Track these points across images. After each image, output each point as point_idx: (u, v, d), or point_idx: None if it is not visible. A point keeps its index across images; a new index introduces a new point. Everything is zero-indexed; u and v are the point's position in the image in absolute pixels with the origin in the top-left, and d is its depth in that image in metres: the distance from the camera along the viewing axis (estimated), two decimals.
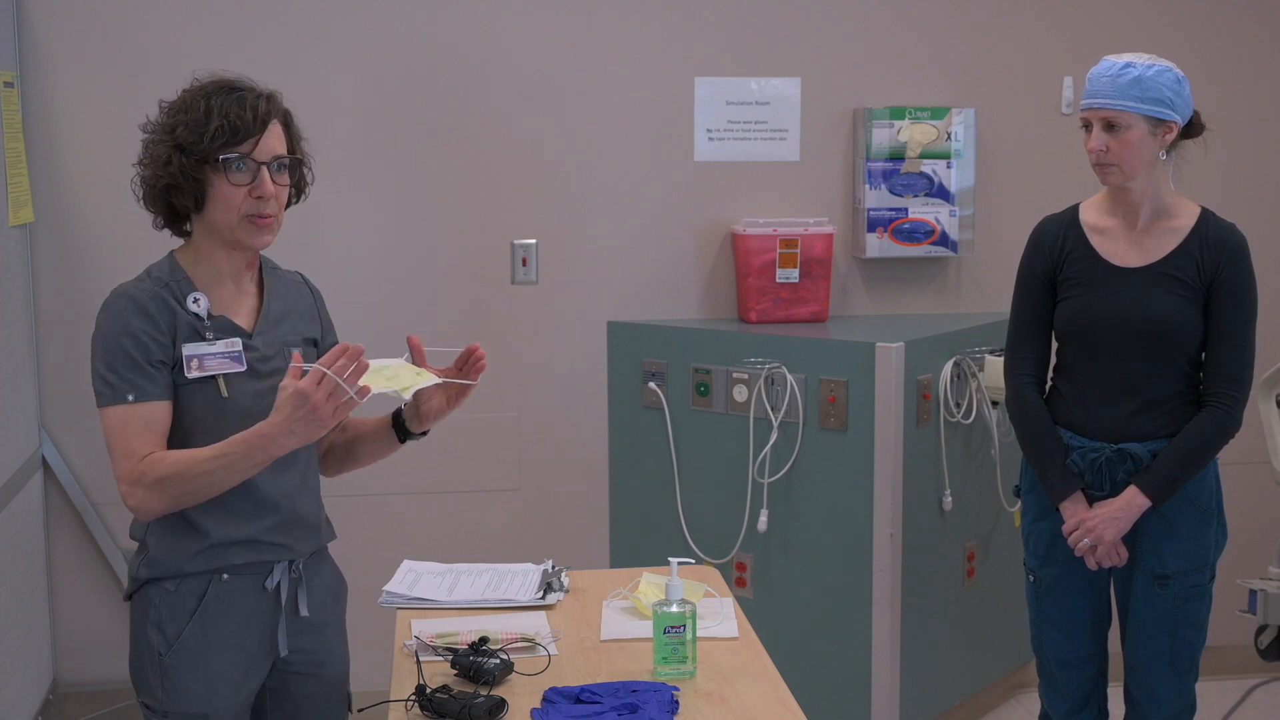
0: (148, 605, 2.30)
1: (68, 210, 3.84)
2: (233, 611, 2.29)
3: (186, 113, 2.24)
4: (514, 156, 4.03)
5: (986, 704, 4.24)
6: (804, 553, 3.81)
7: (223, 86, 2.27)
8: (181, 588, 2.28)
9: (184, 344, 2.24)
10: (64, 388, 3.87)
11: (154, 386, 2.22)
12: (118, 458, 2.21)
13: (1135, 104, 2.80)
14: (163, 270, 2.30)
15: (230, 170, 2.22)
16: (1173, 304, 2.86)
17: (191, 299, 2.27)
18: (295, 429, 2.10)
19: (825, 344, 3.79)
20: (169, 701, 2.27)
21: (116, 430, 2.21)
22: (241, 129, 2.21)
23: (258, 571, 2.31)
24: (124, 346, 2.22)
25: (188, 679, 2.27)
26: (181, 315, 2.25)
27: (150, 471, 2.17)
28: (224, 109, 2.22)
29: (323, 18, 3.91)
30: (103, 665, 3.96)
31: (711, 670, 2.35)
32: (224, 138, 2.20)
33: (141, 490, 2.18)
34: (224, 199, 2.23)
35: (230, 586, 2.29)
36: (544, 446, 4.13)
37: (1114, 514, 2.89)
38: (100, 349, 2.25)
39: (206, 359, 2.25)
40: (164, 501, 2.19)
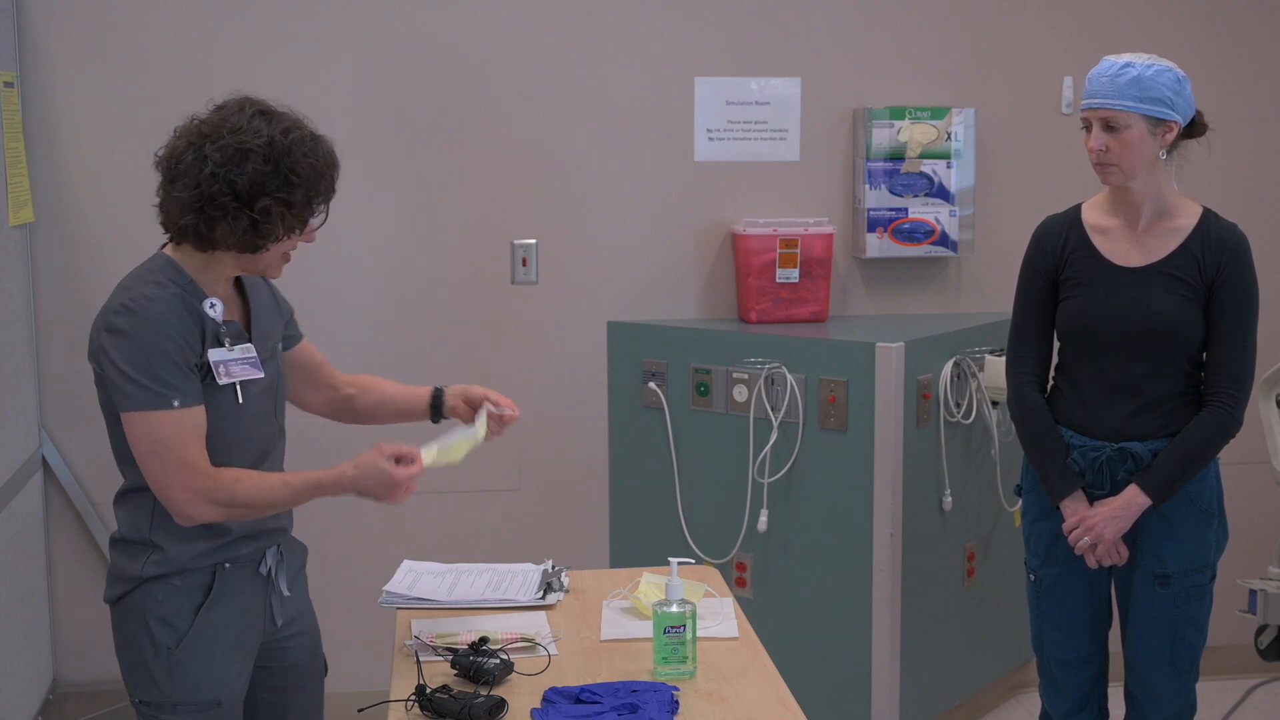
0: (148, 602, 2.29)
1: (68, 210, 3.84)
2: (235, 598, 2.34)
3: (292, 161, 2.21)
4: (514, 156, 4.03)
5: (986, 704, 4.24)
6: (804, 553, 3.81)
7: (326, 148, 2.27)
8: (188, 580, 2.30)
9: (209, 350, 2.25)
10: (64, 388, 3.87)
11: (195, 391, 2.23)
12: (173, 465, 2.20)
13: (1134, 104, 2.80)
14: (170, 273, 2.27)
15: (304, 223, 2.28)
16: (1174, 304, 2.86)
17: (208, 304, 2.27)
18: (366, 491, 2.30)
19: (825, 344, 3.79)
20: (179, 694, 2.27)
21: (168, 436, 2.20)
22: (327, 197, 2.28)
23: (254, 559, 2.37)
24: (167, 352, 2.20)
25: (200, 669, 2.28)
26: (206, 320, 2.26)
27: (224, 491, 2.22)
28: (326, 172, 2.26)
29: (322, 18, 3.91)
30: (103, 665, 3.95)
31: (711, 670, 2.35)
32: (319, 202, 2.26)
33: (208, 504, 2.22)
34: (280, 246, 2.27)
35: (232, 575, 2.33)
36: (544, 446, 4.13)
37: (1114, 512, 2.89)
38: (132, 353, 2.20)
39: (231, 365, 2.28)
40: (219, 515, 2.25)
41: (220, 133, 2.22)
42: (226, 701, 2.31)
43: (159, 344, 2.19)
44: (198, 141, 2.24)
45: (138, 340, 2.19)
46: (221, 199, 2.19)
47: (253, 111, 2.26)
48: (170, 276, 2.26)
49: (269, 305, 2.46)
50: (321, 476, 2.29)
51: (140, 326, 2.20)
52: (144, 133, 3.82)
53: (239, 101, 2.30)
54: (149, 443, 2.21)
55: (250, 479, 2.26)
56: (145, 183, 3.89)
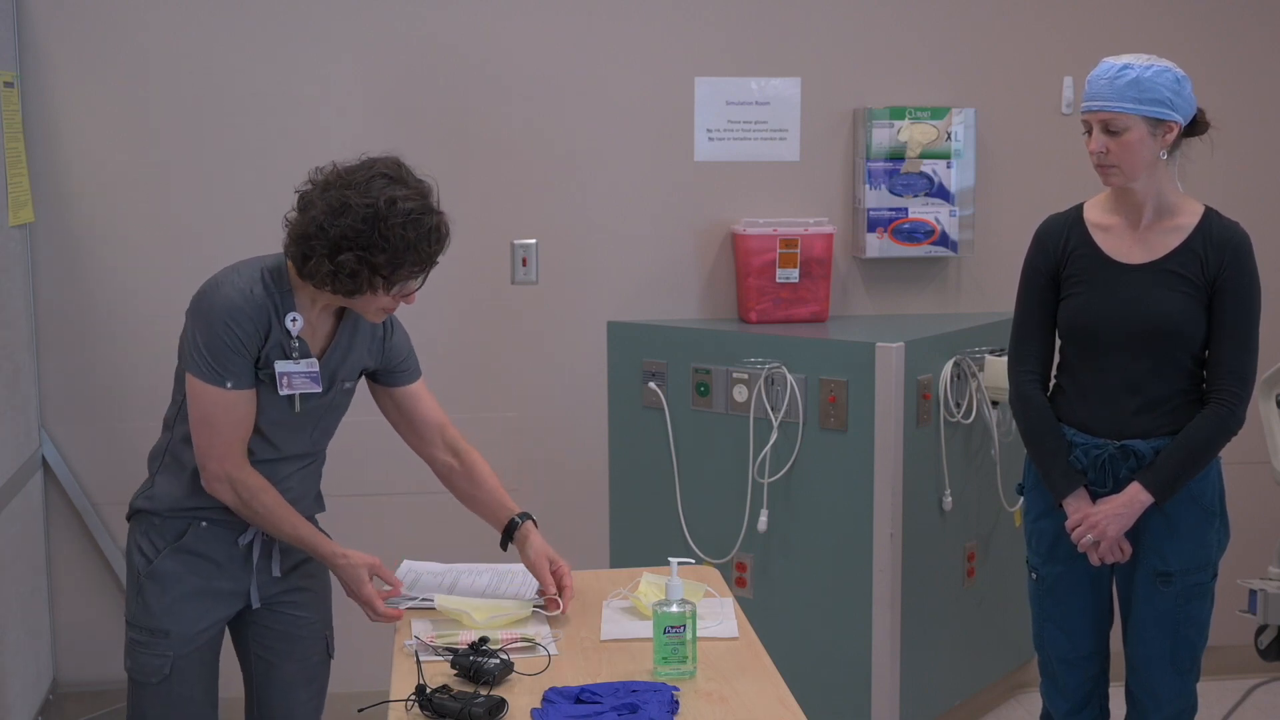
0: (136, 530, 2.61)
1: (68, 210, 3.84)
2: (205, 555, 2.57)
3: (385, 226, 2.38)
4: (514, 156, 4.03)
5: (986, 704, 4.24)
6: (804, 553, 3.81)
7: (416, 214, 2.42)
8: (165, 523, 2.57)
9: (275, 360, 2.48)
10: (64, 388, 3.87)
11: (248, 378, 2.47)
12: (216, 439, 2.46)
13: (1133, 105, 2.80)
14: (272, 279, 2.48)
15: (403, 282, 2.45)
16: (1175, 301, 2.86)
17: (290, 318, 2.49)
18: (342, 580, 2.57)
19: (825, 344, 3.79)
20: (138, 616, 2.58)
21: (218, 412, 2.46)
22: (424, 265, 2.46)
23: (232, 528, 2.58)
24: (225, 340, 2.42)
25: (155, 599, 2.55)
26: (276, 329, 2.47)
27: (247, 489, 2.48)
28: (422, 247, 2.43)
29: (323, 18, 3.90)
30: (103, 665, 3.96)
31: (711, 670, 2.35)
32: (406, 266, 2.42)
33: (229, 487, 2.48)
34: (373, 298, 2.46)
35: (206, 533, 2.57)
36: (544, 446, 4.13)
37: (1116, 510, 2.89)
38: (203, 328, 2.44)
39: (294, 377, 2.50)
40: (232, 501, 2.50)
41: (340, 182, 2.42)
42: (176, 635, 2.56)
43: (219, 332, 2.42)
44: (323, 184, 2.44)
45: (208, 321, 2.43)
46: (315, 240, 2.39)
47: (380, 172, 2.45)
48: (272, 279, 2.48)
49: (363, 338, 2.63)
50: (320, 544, 2.55)
51: (210, 310, 2.44)
52: (144, 133, 3.85)
53: (378, 160, 2.48)
54: (202, 411, 2.47)
55: (274, 497, 2.51)
56: (145, 182, 3.93)
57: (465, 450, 2.76)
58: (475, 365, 4.08)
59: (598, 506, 4.18)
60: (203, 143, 3.87)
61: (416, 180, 2.49)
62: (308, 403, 2.54)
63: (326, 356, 2.55)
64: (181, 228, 3.87)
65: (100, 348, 3.87)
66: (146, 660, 2.57)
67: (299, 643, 2.70)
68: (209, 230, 3.87)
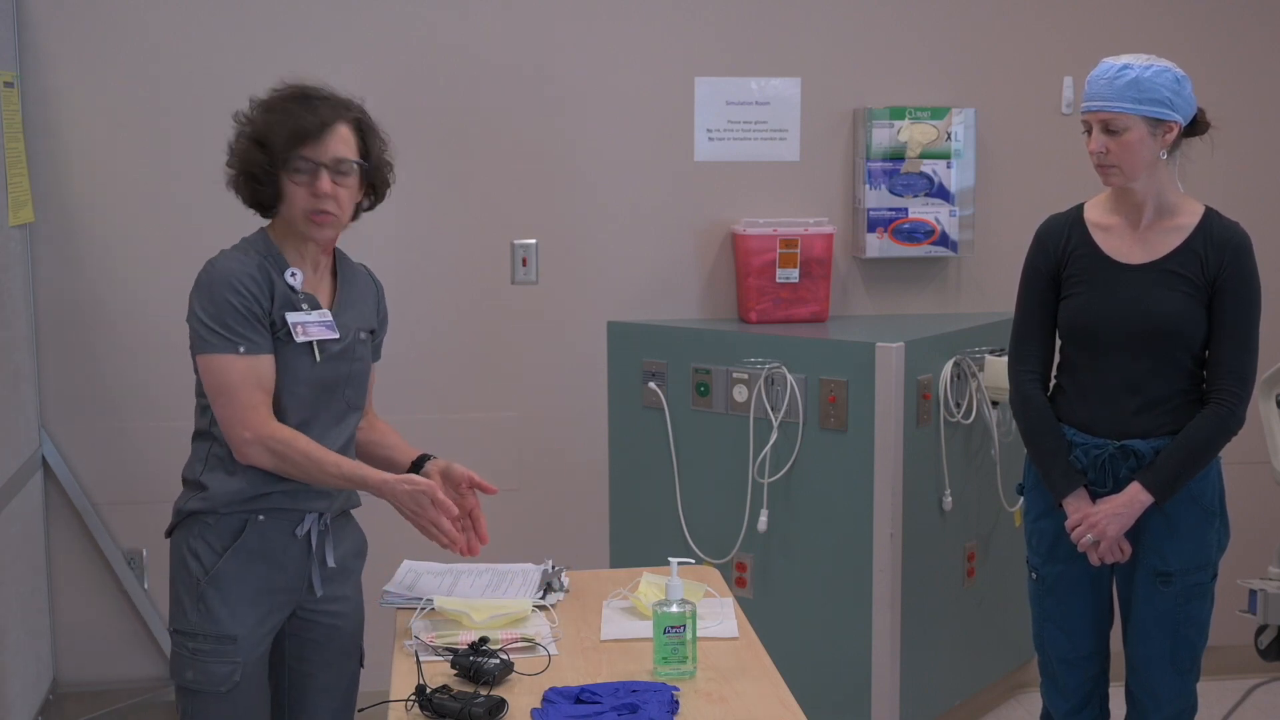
0: (188, 535, 2.51)
1: (68, 210, 3.84)
2: (264, 550, 2.50)
3: (266, 112, 2.48)
4: (514, 156, 4.03)
5: (986, 704, 4.24)
6: (804, 553, 3.81)
7: (298, 94, 2.50)
8: (221, 522, 2.49)
9: (285, 312, 2.46)
10: (64, 388, 3.87)
11: (264, 342, 2.45)
12: (237, 406, 2.42)
13: (1133, 105, 2.80)
14: (260, 244, 2.51)
15: (294, 170, 2.45)
16: (1176, 301, 2.86)
17: (289, 273, 2.49)
18: (401, 507, 2.47)
19: (825, 344, 3.79)
20: (201, 624, 2.47)
21: (236, 379, 2.42)
22: (302, 133, 2.44)
23: (290, 518, 2.52)
24: (233, 304, 2.42)
25: (220, 604, 2.47)
26: (279, 286, 2.47)
27: (281, 442, 2.42)
28: (292, 113, 2.46)
29: (323, 18, 3.90)
30: (103, 665, 3.96)
31: (711, 670, 2.35)
32: (287, 139, 2.43)
33: (263, 449, 2.42)
34: (290, 196, 2.47)
35: (264, 527, 2.50)
36: (544, 446, 4.13)
37: (1117, 510, 2.89)
38: (207, 304, 2.43)
39: (309, 326, 2.49)
40: (270, 463, 2.44)
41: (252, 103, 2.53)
42: (243, 641, 2.47)
43: (225, 296, 2.42)
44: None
45: (210, 292, 2.43)
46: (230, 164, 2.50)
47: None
48: (258, 246, 2.51)
49: (364, 299, 2.66)
50: (369, 474, 2.47)
51: (212, 280, 2.44)
52: (144, 132, 3.85)
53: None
54: (217, 383, 2.44)
55: (308, 443, 2.44)
56: (145, 182, 3.93)
57: (373, 418, 2.79)
58: (475, 365, 4.08)
59: (598, 506, 4.18)
60: (203, 142, 3.86)
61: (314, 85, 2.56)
62: (328, 352, 2.50)
63: (336, 310, 2.56)
64: (182, 228, 3.87)
65: (100, 347, 3.87)
66: (215, 669, 2.46)
67: (335, 652, 2.63)
68: (209, 230, 3.85)
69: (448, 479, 2.63)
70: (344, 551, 2.63)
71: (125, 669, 3.97)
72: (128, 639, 3.97)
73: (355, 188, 2.53)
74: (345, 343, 2.55)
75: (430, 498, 2.44)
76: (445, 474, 2.63)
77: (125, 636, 3.97)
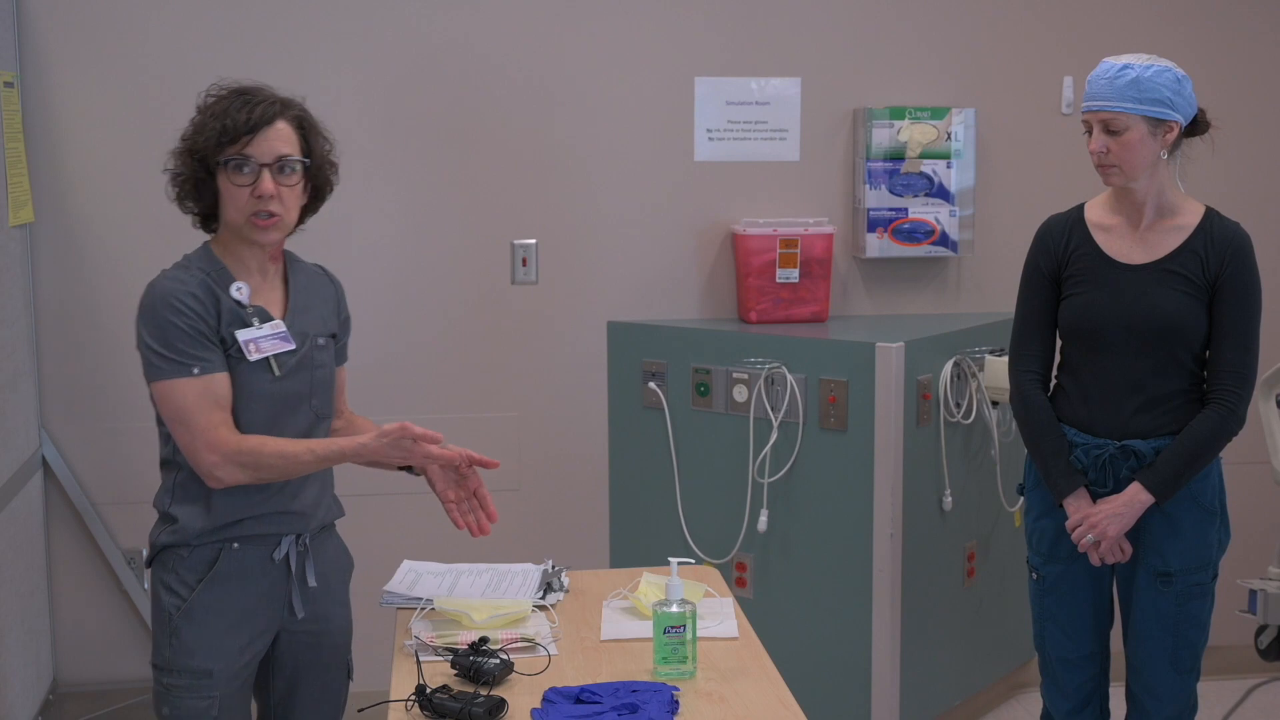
0: (163, 569, 2.44)
1: (68, 210, 3.84)
2: (241, 579, 2.42)
3: (197, 117, 2.39)
4: (514, 156, 4.03)
5: (986, 704, 4.24)
6: (804, 553, 3.81)
7: (233, 92, 2.39)
8: (194, 554, 2.41)
9: (235, 330, 2.37)
10: (64, 388, 3.87)
11: (216, 360, 2.35)
12: (198, 429, 2.33)
13: (1133, 105, 2.80)
14: (202, 260, 2.42)
15: (230, 170, 2.34)
16: (1176, 301, 2.86)
17: (235, 288, 2.39)
18: (388, 457, 2.39)
19: (825, 344, 3.79)
20: (175, 659, 2.41)
21: (191, 403, 2.33)
22: (234, 129, 2.32)
23: (266, 543, 2.44)
24: (179, 325, 2.32)
25: (194, 638, 2.40)
26: (225, 302, 2.38)
27: (249, 454, 2.33)
28: (223, 112, 2.34)
29: (323, 18, 3.90)
30: (103, 665, 3.96)
31: (711, 670, 2.35)
32: (217, 138, 2.33)
33: (234, 466, 2.33)
34: (229, 198, 2.36)
35: (239, 555, 2.42)
36: (544, 446, 4.14)
37: (1117, 510, 2.89)
38: (152, 327, 2.34)
39: (261, 341, 2.39)
40: (246, 477, 2.35)
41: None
42: (219, 674, 2.40)
43: (168, 317, 2.32)
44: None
45: (154, 315, 2.34)
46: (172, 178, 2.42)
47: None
48: (200, 263, 2.41)
49: (322, 300, 2.56)
50: (343, 446, 2.39)
51: (154, 302, 2.35)
52: (144, 133, 3.85)
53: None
54: (174, 410, 2.34)
55: (275, 443, 2.36)
56: (145, 183, 3.91)
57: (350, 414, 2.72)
58: (475, 365, 4.08)
59: (598, 506, 4.18)
60: None
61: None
62: (285, 365, 2.40)
63: (289, 317, 2.45)
64: (181, 228, 3.82)
65: (100, 348, 3.87)
66: (192, 704, 2.39)
67: (322, 669, 2.57)
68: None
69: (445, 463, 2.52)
70: (326, 568, 2.55)
71: (125, 669, 3.97)
72: (128, 639, 3.97)
73: (300, 188, 2.41)
74: (302, 351, 2.44)
75: (410, 436, 2.34)
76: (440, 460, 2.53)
77: (125, 636, 3.97)
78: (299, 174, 2.39)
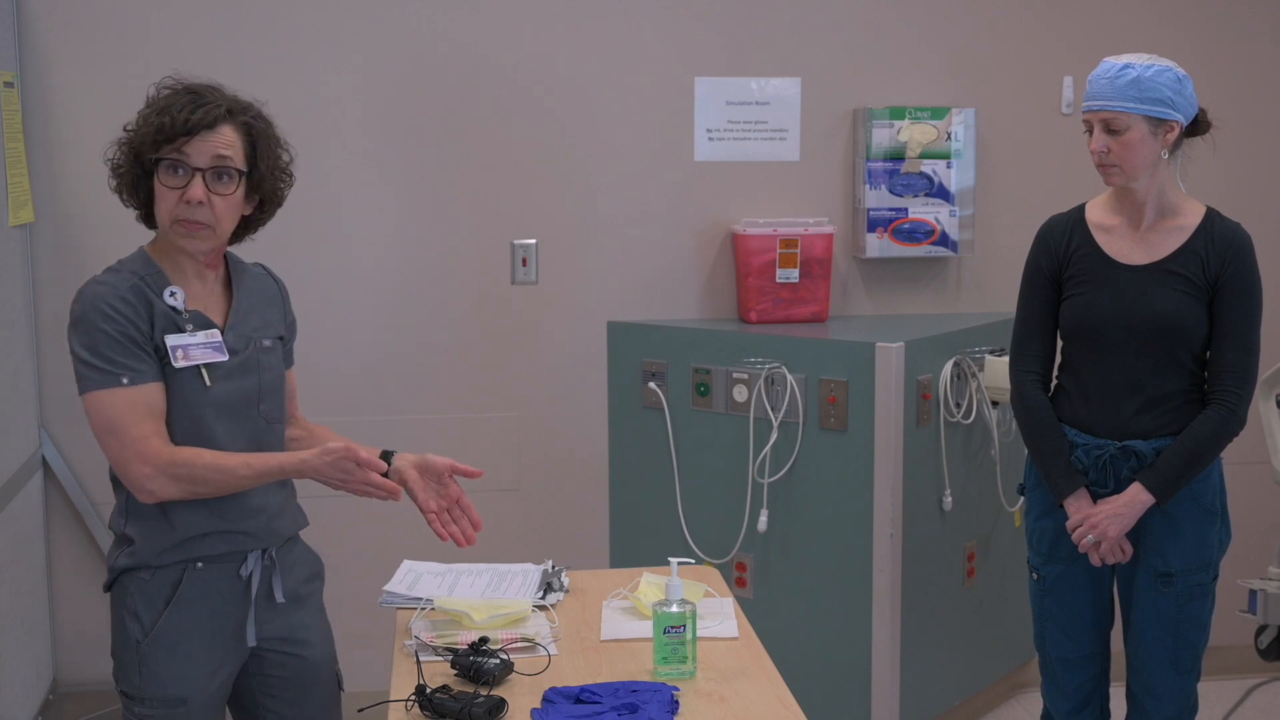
0: (125, 594, 2.33)
1: (68, 210, 3.84)
2: (208, 599, 2.34)
3: (144, 110, 2.29)
4: (514, 156, 4.03)
5: (986, 704, 4.24)
6: (804, 553, 3.81)
7: (180, 90, 2.29)
8: (157, 576, 2.31)
9: (165, 335, 2.26)
10: (64, 388, 3.85)
11: (148, 369, 2.25)
12: (128, 440, 2.22)
13: (1134, 105, 2.80)
14: (136, 264, 2.32)
15: (162, 171, 2.25)
16: (1177, 301, 2.86)
17: (168, 292, 2.29)
18: (328, 477, 2.27)
19: (825, 344, 3.79)
20: (146, 688, 2.31)
21: (121, 413, 2.22)
22: (171, 129, 2.23)
23: (231, 561, 2.35)
24: (108, 332, 2.22)
25: (164, 666, 2.31)
26: (159, 306, 2.28)
27: (183, 465, 2.23)
28: (165, 109, 2.25)
29: (323, 19, 3.90)
30: (103, 665, 3.92)
31: (711, 670, 2.35)
32: (154, 135, 2.24)
33: (167, 479, 2.23)
34: (159, 199, 2.27)
35: (204, 574, 2.33)
36: (544, 446, 4.13)
37: (1118, 510, 2.89)
38: (82, 336, 2.24)
39: (191, 349, 2.28)
40: (180, 491, 2.24)
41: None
42: (193, 701, 2.32)
43: (99, 324, 2.22)
44: None
45: (84, 323, 2.24)
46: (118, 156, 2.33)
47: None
48: (134, 267, 2.31)
49: (266, 303, 2.46)
50: (283, 461, 2.28)
51: (84, 310, 2.24)
52: None
53: None
54: (104, 421, 2.23)
55: (211, 456, 2.25)
56: None
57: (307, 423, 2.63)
58: (475, 365, 4.08)
59: (598, 506, 4.18)
60: None
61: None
62: (217, 372, 2.29)
63: (231, 322, 2.35)
64: None
65: None
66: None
67: (310, 685, 2.48)
68: None
69: (427, 471, 2.48)
70: (295, 580, 2.46)
71: None
72: None
73: (237, 198, 2.28)
74: (245, 355, 2.35)
75: (353, 460, 2.23)
76: (423, 467, 2.48)
77: None
78: (236, 182, 2.27)
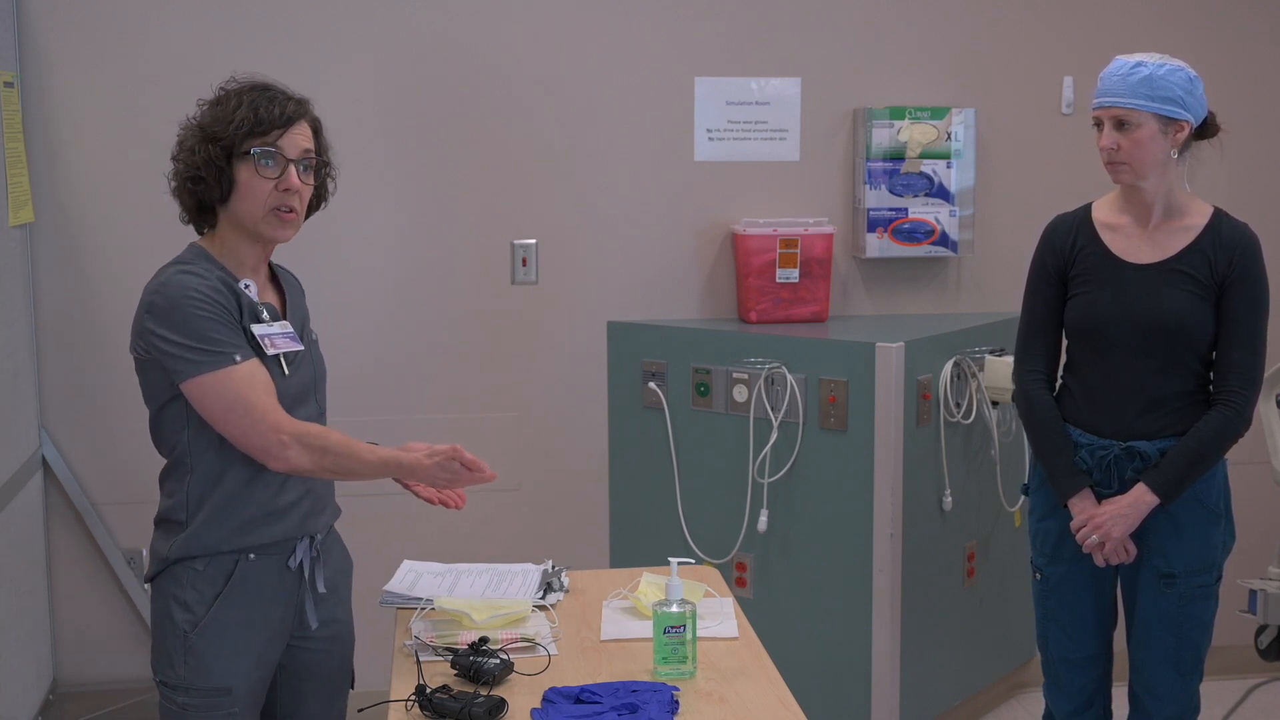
0: (173, 584, 2.34)
1: (68, 210, 3.84)
2: (258, 590, 2.35)
3: (218, 106, 2.33)
4: (514, 156, 4.03)
5: (986, 704, 4.24)
6: (804, 553, 3.81)
7: (256, 85, 2.37)
8: (210, 566, 2.33)
9: (251, 325, 2.32)
10: (64, 388, 3.87)
11: (251, 350, 2.30)
12: (256, 414, 2.25)
13: (1146, 102, 2.80)
14: (202, 262, 2.34)
15: (259, 163, 2.29)
16: (1183, 301, 2.86)
17: (243, 284, 2.35)
18: (434, 478, 2.33)
19: (825, 344, 3.79)
20: (191, 678, 2.32)
21: (242, 390, 2.25)
22: (268, 121, 2.29)
23: (281, 551, 2.38)
24: (210, 316, 2.26)
25: (212, 656, 2.31)
26: (244, 298, 2.33)
27: (317, 436, 2.28)
28: (254, 103, 2.31)
29: (323, 19, 3.90)
30: (103, 665, 3.96)
31: (711, 670, 2.35)
32: (249, 128, 2.29)
33: (300, 447, 2.26)
34: (251, 191, 2.30)
35: (256, 566, 2.35)
36: (544, 446, 4.13)
37: (1122, 510, 2.89)
38: (179, 325, 2.25)
39: (275, 338, 2.34)
40: (311, 463, 2.28)
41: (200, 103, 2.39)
42: (238, 691, 2.33)
43: (197, 311, 2.25)
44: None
45: (179, 313, 2.25)
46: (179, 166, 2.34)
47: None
48: (203, 265, 2.33)
49: (304, 303, 2.53)
50: (401, 457, 2.34)
51: (177, 300, 2.26)
52: (145, 133, 3.85)
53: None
54: (225, 401, 2.25)
55: (340, 435, 2.31)
56: (145, 183, 3.91)
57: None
58: (475, 365, 4.08)
59: (598, 506, 4.18)
60: None
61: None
62: (294, 363, 2.36)
63: (289, 314, 2.43)
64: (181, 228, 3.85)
65: (100, 348, 3.86)
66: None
67: (328, 679, 2.52)
68: None
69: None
70: (332, 571, 2.50)
71: (125, 669, 3.97)
72: (128, 639, 3.97)
73: (311, 189, 2.39)
74: (306, 349, 2.43)
75: (459, 461, 2.30)
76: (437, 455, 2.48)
77: (125, 636, 3.97)
78: (314, 174, 2.39)
